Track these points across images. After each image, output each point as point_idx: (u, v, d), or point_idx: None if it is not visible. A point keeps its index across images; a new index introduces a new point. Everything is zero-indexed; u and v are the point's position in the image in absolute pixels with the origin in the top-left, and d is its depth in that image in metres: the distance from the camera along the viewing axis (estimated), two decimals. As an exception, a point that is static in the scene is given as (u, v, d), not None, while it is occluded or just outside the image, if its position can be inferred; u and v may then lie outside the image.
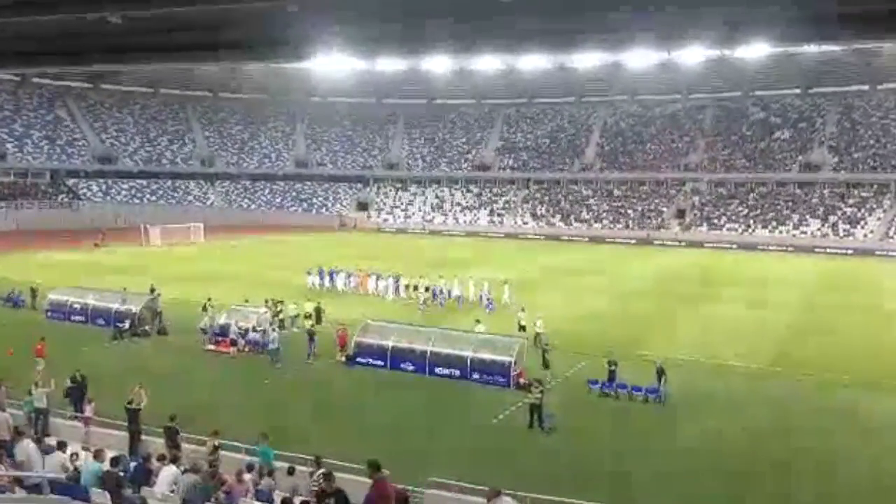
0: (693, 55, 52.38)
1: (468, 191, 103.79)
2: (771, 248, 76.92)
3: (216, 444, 15.75)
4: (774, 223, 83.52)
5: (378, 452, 15.46)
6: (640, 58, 68.67)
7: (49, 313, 35.08)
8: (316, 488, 12.07)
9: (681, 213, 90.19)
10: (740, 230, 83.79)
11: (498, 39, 16.07)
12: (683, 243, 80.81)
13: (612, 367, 24.40)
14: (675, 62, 76.68)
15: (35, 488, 11.03)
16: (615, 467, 18.11)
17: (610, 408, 22.96)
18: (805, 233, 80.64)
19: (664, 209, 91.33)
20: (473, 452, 18.82)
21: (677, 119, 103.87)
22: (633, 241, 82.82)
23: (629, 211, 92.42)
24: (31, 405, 18.98)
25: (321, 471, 12.64)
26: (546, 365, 26.30)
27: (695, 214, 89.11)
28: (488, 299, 38.63)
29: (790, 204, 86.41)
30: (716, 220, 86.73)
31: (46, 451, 13.12)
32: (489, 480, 15.67)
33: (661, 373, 23.63)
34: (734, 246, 78.46)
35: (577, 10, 13.81)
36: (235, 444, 16.80)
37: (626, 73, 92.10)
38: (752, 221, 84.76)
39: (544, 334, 29.58)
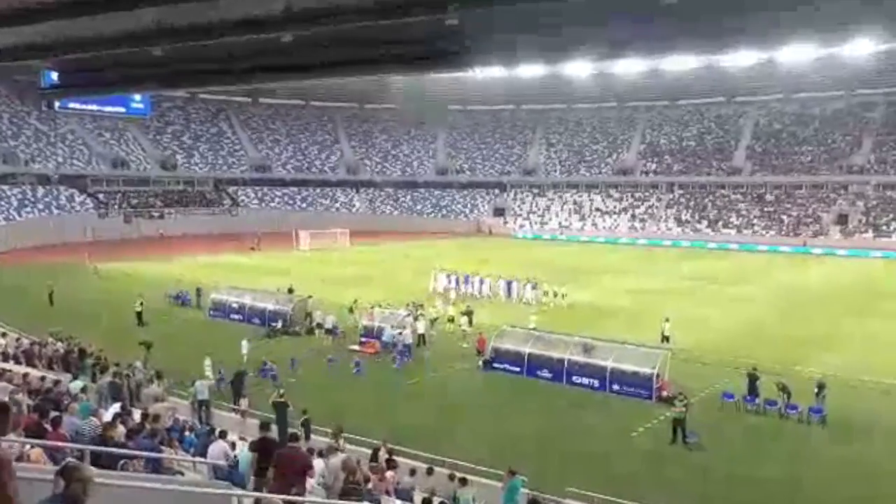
0: (859, 48, 47.76)
1: (608, 196, 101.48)
2: (951, 257, 69.09)
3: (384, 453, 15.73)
4: (955, 230, 75.28)
5: (512, 459, 15.57)
6: (797, 54, 64.14)
7: (211, 312, 37.96)
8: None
9: (842, 219, 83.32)
10: (914, 238, 76.19)
11: (651, 41, 15.56)
12: (845, 252, 74.41)
13: (754, 381, 23.01)
14: (838, 57, 70.76)
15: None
16: (763, 491, 17.03)
17: (761, 426, 21.59)
18: None
19: (823, 214, 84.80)
20: (611, 465, 18.39)
21: (840, 117, 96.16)
22: (788, 249, 77.46)
23: (783, 217, 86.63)
24: (194, 395, 20.69)
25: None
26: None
27: (859, 220, 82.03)
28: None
29: (975, 209, 77.60)
30: (884, 227, 79.38)
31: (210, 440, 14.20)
32: (626, 494, 15.35)
33: (820, 388, 22.00)
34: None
35: (736, 8, 13.10)
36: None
37: (780, 70, 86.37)
38: (928, 228, 76.86)
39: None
